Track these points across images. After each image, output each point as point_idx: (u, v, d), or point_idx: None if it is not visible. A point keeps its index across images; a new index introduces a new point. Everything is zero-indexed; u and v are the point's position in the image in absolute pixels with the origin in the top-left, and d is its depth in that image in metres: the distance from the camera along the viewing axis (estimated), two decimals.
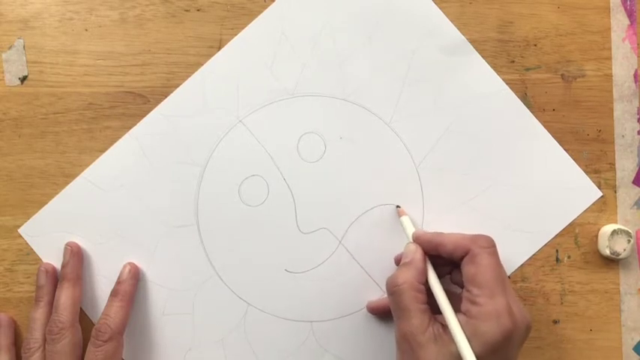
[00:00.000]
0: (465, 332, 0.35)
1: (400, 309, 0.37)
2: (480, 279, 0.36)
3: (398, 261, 0.42)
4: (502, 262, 0.38)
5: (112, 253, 0.44)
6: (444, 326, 0.36)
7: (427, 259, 0.39)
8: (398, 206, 0.44)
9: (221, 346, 0.44)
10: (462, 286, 0.38)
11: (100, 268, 0.44)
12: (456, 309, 0.36)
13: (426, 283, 0.38)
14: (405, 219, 0.42)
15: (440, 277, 0.39)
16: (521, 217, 0.44)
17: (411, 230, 0.41)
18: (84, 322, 0.43)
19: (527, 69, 0.45)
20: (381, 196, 0.44)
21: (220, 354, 0.44)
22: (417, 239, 0.40)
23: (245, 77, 0.44)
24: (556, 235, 0.45)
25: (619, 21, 0.45)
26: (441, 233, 0.39)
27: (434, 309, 0.37)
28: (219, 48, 0.45)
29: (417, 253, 0.39)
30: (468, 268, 0.37)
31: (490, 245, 0.37)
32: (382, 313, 0.43)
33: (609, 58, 0.45)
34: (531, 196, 0.44)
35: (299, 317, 0.44)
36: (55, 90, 0.44)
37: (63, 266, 0.43)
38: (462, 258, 0.37)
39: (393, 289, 0.38)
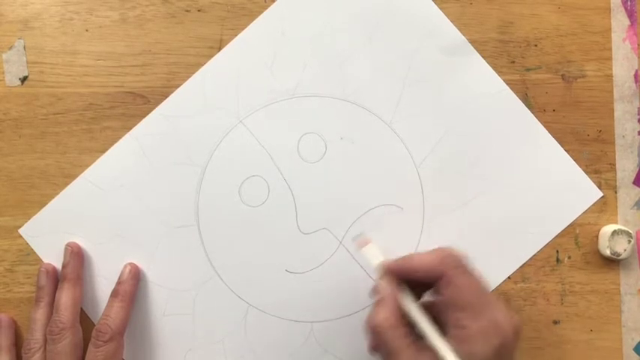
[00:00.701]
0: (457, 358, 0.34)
1: (386, 350, 0.35)
2: (460, 302, 0.35)
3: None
4: (502, 263, 0.37)
5: (113, 253, 0.44)
6: (432, 351, 0.34)
7: (402, 289, 0.37)
8: (358, 235, 0.42)
9: (221, 346, 0.44)
10: (440, 301, 0.36)
11: (100, 268, 0.44)
12: (441, 332, 0.35)
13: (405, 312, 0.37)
14: (367, 249, 0.39)
15: (417, 297, 0.37)
16: (522, 217, 0.44)
17: (376, 261, 0.38)
18: (84, 322, 0.43)
19: (528, 69, 0.45)
20: (382, 197, 0.44)
21: (220, 354, 0.44)
22: (387, 271, 0.38)
23: (245, 77, 0.44)
24: (556, 236, 0.45)
25: (619, 21, 0.45)
26: (410, 258, 0.37)
27: (416, 331, 0.36)
28: (220, 48, 0.45)
29: (392, 289, 0.37)
30: (445, 293, 0.35)
31: (461, 264, 0.36)
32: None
33: (610, 59, 0.45)
34: (532, 196, 0.44)
35: (299, 317, 0.44)
36: (55, 90, 0.44)
37: (63, 267, 0.43)
38: (436, 280, 0.36)
39: (373, 330, 0.36)
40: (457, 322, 0.35)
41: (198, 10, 0.45)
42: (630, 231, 0.44)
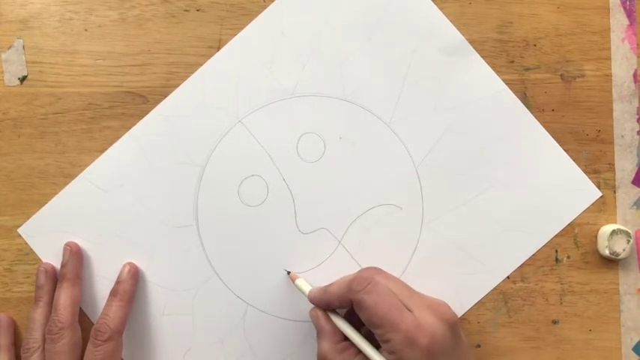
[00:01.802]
0: None
1: None
2: (374, 320, 0.36)
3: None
4: (502, 262, 0.37)
5: (112, 253, 0.44)
6: None
7: (337, 316, 0.39)
8: (288, 272, 0.43)
9: (220, 346, 0.44)
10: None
11: (99, 268, 0.44)
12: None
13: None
14: (299, 282, 0.42)
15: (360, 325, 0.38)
16: (521, 217, 0.44)
17: (307, 290, 0.41)
18: (83, 322, 0.43)
19: (527, 69, 0.45)
20: (381, 196, 0.44)
21: (220, 354, 0.44)
22: (311, 300, 0.40)
23: (245, 77, 0.44)
24: (555, 236, 0.45)
25: (618, 21, 0.45)
26: (326, 289, 0.39)
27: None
28: (219, 48, 0.45)
29: (320, 319, 0.39)
30: (360, 315, 0.37)
31: (364, 285, 0.37)
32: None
33: (609, 59, 0.45)
34: (531, 196, 0.44)
35: (298, 317, 0.44)
36: (55, 90, 0.44)
37: (62, 266, 0.43)
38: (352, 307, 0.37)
39: None
40: (381, 337, 0.36)
41: (198, 10, 0.45)
42: (629, 231, 0.44)
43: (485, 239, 0.44)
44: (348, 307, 0.38)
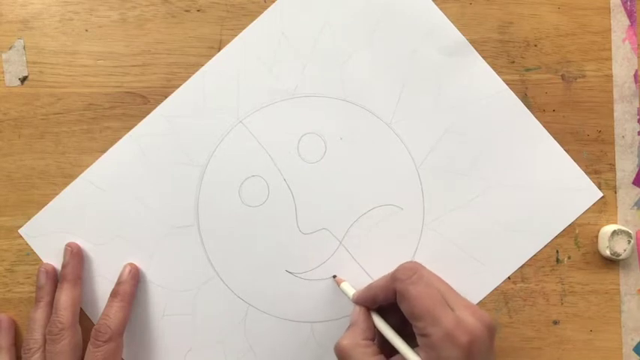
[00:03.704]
0: None
1: None
2: (416, 311, 0.35)
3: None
4: (502, 263, 0.37)
5: (113, 253, 0.44)
6: None
7: (374, 312, 0.39)
8: (334, 276, 0.44)
9: (221, 346, 0.44)
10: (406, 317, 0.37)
11: (100, 268, 0.44)
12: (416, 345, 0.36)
13: (382, 337, 0.38)
14: (344, 285, 0.42)
15: (399, 324, 0.38)
16: (522, 217, 0.44)
17: (351, 293, 0.41)
18: (84, 322, 0.43)
19: (528, 69, 0.45)
20: (382, 197, 0.44)
21: (220, 354, 0.44)
22: (356, 301, 0.40)
23: (245, 78, 0.44)
24: (556, 236, 0.45)
25: (619, 21, 0.45)
26: (370, 285, 0.39)
27: (395, 354, 0.37)
28: (220, 48, 0.45)
29: (359, 314, 0.39)
30: (402, 306, 0.37)
31: (409, 275, 0.37)
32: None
33: (609, 59, 0.45)
34: (531, 196, 0.44)
35: (299, 318, 0.44)
36: (55, 90, 0.44)
37: (63, 267, 0.43)
38: (395, 299, 0.37)
39: (339, 353, 0.37)
40: (420, 331, 0.35)
41: (198, 10, 0.45)
42: (630, 231, 0.44)
43: (486, 239, 0.44)
44: (391, 301, 0.38)
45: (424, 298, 0.35)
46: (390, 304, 0.38)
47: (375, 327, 0.38)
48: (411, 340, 0.37)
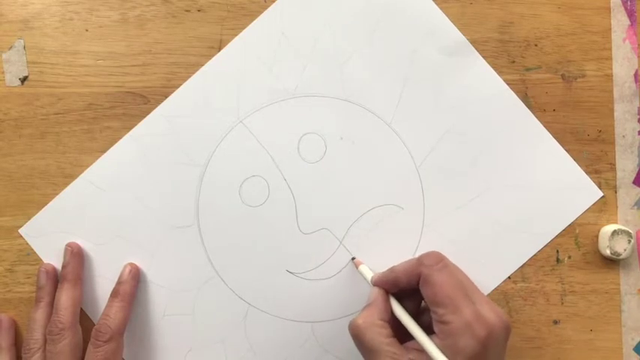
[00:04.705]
0: (445, 353, 0.34)
1: (368, 349, 0.36)
2: (439, 298, 0.35)
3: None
4: (503, 263, 0.38)
5: (113, 253, 0.44)
6: (420, 350, 0.35)
7: (391, 296, 0.39)
8: (353, 258, 0.44)
9: (222, 346, 0.44)
10: (425, 303, 0.37)
11: (100, 268, 0.44)
12: (432, 332, 0.36)
13: (397, 321, 0.38)
14: (362, 267, 0.42)
15: (413, 310, 0.38)
16: (522, 217, 0.44)
17: (369, 276, 0.41)
18: (85, 322, 0.43)
19: (528, 69, 0.45)
20: (382, 197, 0.44)
21: (221, 354, 0.44)
22: (375, 283, 0.40)
23: (245, 78, 0.44)
24: (556, 236, 0.45)
25: (619, 21, 0.45)
26: (393, 268, 0.39)
27: (406, 340, 0.37)
28: (220, 48, 0.45)
29: (377, 295, 0.39)
30: (425, 291, 0.37)
31: (437, 261, 0.37)
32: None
33: (609, 59, 0.45)
34: (532, 196, 0.44)
35: (300, 318, 0.44)
36: (56, 90, 0.44)
37: (63, 267, 0.43)
38: (418, 283, 0.37)
39: (354, 331, 0.37)
40: (440, 317, 0.35)
41: (198, 10, 0.45)
42: (630, 231, 0.44)
43: (486, 239, 0.44)
44: (412, 286, 0.38)
45: (448, 286, 0.36)
46: (405, 292, 0.39)
47: (391, 310, 0.38)
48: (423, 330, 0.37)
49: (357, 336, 0.37)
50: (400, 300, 0.39)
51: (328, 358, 0.44)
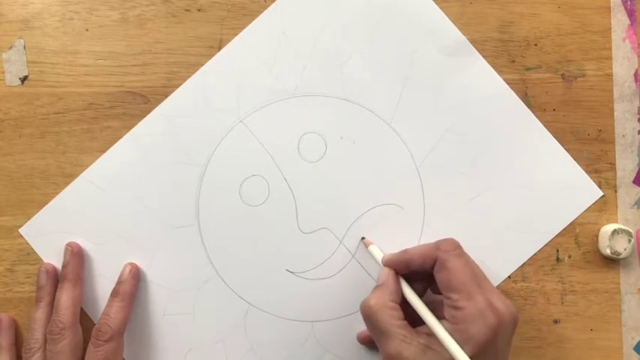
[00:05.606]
0: (455, 338, 0.34)
1: (379, 331, 0.36)
2: (454, 283, 0.36)
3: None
4: (503, 262, 0.38)
5: (113, 253, 0.44)
6: (430, 335, 0.36)
7: (401, 278, 0.39)
8: (363, 238, 0.44)
9: (222, 346, 0.44)
10: (437, 287, 0.38)
11: (100, 268, 0.44)
12: (440, 317, 0.36)
13: (405, 303, 0.38)
14: (372, 247, 0.42)
15: (421, 294, 0.39)
16: (522, 216, 0.44)
17: (380, 256, 0.41)
18: (85, 322, 0.43)
19: (528, 69, 0.45)
20: (382, 196, 0.44)
21: (221, 354, 0.44)
22: (386, 263, 0.40)
23: (245, 77, 0.44)
24: (556, 235, 0.45)
25: (619, 21, 0.45)
26: (407, 250, 0.39)
27: (416, 324, 0.37)
28: (220, 48, 0.45)
29: (388, 276, 0.39)
30: (440, 276, 0.37)
31: (455, 247, 0.38)
32: (372, 343, 0.41)
33: (610, 58, 0.45)
34: (532, 195, 0.44)
35: (300, 317, 0.44)
36: (56, 90, 0.44)
37: (63, 266, 0.43)
38: (433, 268, 0.37)
39: (366, 312, 0.37)
40: (453, 303, 0.36)
41: (199, 10, 0.45)
42: (630, 230, 0.44)
43: (486, 239, 0.44)
44: (425, 269, 0.38)
45: (463, 272, 0.36)
46: (412, 276, 0.39)
47: (401, 292, 0.38)
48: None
49: (369, 317, 0.37)
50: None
51: (328, 357, 0.44)
